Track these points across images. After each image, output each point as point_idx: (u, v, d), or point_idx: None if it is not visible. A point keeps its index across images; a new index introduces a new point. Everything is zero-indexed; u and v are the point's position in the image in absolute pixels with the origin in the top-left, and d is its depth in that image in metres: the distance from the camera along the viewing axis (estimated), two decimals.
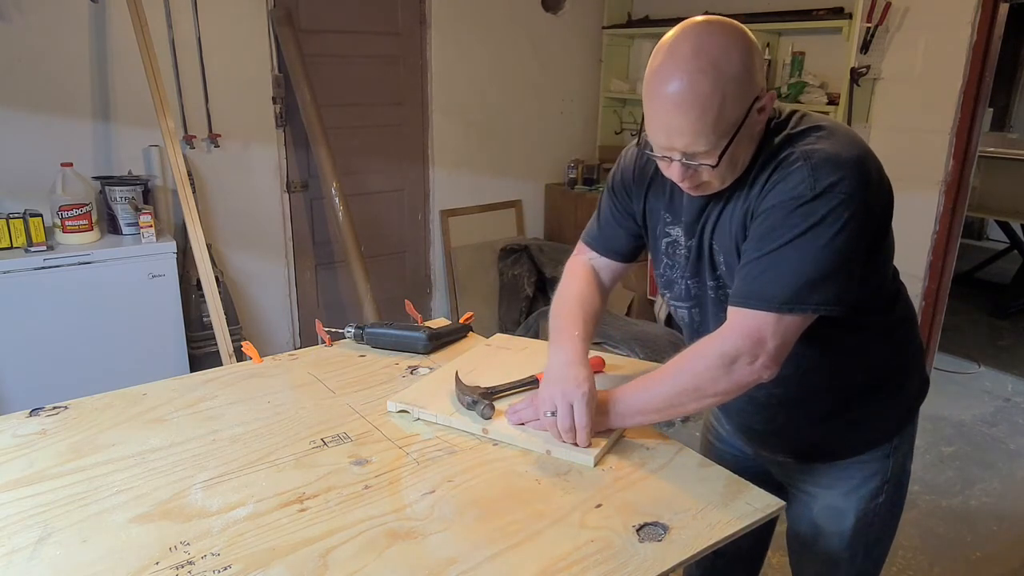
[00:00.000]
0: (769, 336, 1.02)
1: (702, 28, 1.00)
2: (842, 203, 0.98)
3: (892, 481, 1.27)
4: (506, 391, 1.32)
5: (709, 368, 1.06)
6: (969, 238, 6.14)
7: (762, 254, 1.03)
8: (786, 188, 1.01)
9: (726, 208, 1.12)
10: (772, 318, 1.02)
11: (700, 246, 1.17)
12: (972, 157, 3.15)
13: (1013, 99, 6.54)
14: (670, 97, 0.98)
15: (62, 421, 1.27)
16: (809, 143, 1.03)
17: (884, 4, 3.12)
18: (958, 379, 3.72)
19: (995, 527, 2.55)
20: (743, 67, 0.98)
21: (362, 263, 3.39)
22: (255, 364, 1.52)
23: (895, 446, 1.25)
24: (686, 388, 1.09)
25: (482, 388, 1.30)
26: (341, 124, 3.49)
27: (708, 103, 0.97)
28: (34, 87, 2.75)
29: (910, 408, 1.28)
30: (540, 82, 4.19)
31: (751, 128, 1.03)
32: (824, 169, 0.99)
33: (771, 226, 1.02)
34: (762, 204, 1.04)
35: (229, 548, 0.94)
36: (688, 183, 1.08)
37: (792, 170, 1.01)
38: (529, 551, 0.94)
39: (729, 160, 1.03)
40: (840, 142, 1.03)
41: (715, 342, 1.07)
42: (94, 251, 2.62)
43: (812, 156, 1.01)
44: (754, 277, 1.03)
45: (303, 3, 3.32)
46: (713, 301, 1.20)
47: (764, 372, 1.05)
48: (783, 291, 1.01)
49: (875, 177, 1.03)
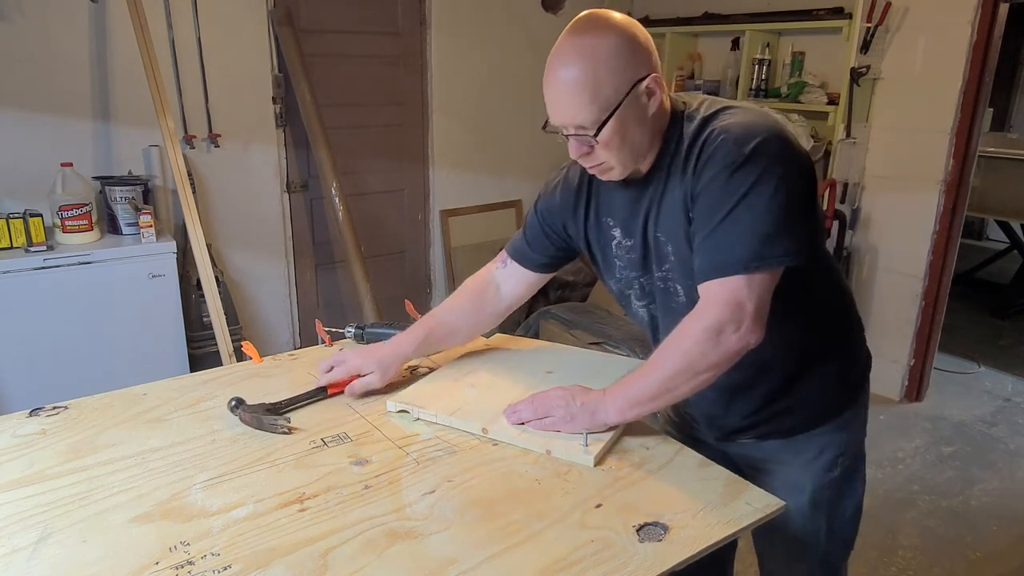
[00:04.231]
0: (746, 298, 1.07)
1: (583, 19, 1.13)
2: (771, 161, 1.06)
3: (847, 454, 1.31)
4: (291, 406, 1.31)
5: (697, 343, 1.09)
6: (969, 238, 6.13)
7: (714, 225, 1.08)
8: (716, 161, 1.08)
9: (664, 200, 1.18)
10: (743, 280, 1.07)
11: (645, 242, 1.22)
12: (972, 157, 3.15)
13: (1013, 99, 6.54)
14: (554, 78, 1.12)
15: (62, 421, 1.27)
16: (724, 120, 1.12)
17: (884, 4, 3.12)
18: (958, 379, 3.72)
19: (995, 527, 2.55)
20: (617, 49, 1.08)
21: (362, 263, 3.39)
22: (255, 364, 1.52)
23: (847, 419, 1.30)
24: (678, 369, 1.11)
25: (267, 404, 1.29)
26: (341, 124, 3.49)
27: (583, 80, 1.08)
28: (34, 87, 2.75)
29: (857, 382, 1.32)
30: (540, 82, 4.17)
31: (639, 110, 1.12)
32: (745, 136, 1.08)
33: (715, 198, 1.08)
34: (698, 184, 1.11)
35: (229, 548, 0.94)
36: (587, 161, 1.18)
37: (716, 144, 1.09)
38: (529, 551, 0.94)
39: (619, 139, 1.11)
40: (752, 115, 1.12)
41: (696, 319, 1.10)
42: (94, 251, 2.62)
43: (730, 128, 1.10)
44: (713, 248, 1.09)
45: (303, 3, 3.32)
46: (662, 292, 1.24)
47: (751, 336, 1.08)
48: (746, 251, 1.06)
49: (792, 140, 1.11)
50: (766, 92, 3.63)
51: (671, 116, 1.18)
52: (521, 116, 4.17)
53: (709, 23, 3.86)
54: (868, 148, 3.36)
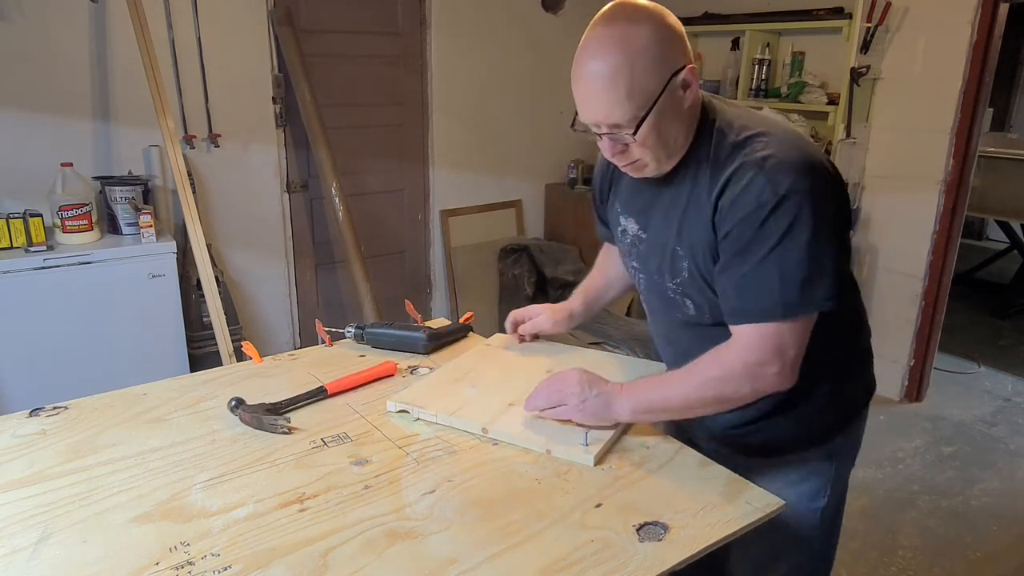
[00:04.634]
0: (787, 344, 1.06)
1: (613, 8, 1.06)
2: (807, 202, 1.02)
3: (835, 486, 1.29)
4: (291, 406, 1.31)
5: (734, 378, 1.09)
6: (969, 238, 6.13)
7: (750, 268, 1.06)
8: (748, 200, 1.05)
9: (687, 213, 1.14)
10: (784, 327, 1.06)
11: (662, 246, 1.20)
12: (972, 157, 3.15)
13: (1013, 99, 6.54)
14: (586, 74, 1.05)
15: (62, 421, 1.27)
16: (757, 151, 1.07)
17: (884, 4, 3.12)
18: (958, 379, 3.72)
19: (995, 527, 2.55)
20: (652, 41, 1.02)
21: (362, 263, 3.39)
22: (255, 364, 1.52)
23: (836, 447, 1.28)
24: (706, 396, 1.12)
25: (267, 404, 1.29)
26: (341, 124, 3.49)
27: (618, 74, 1.02)
28: (34, 87, 2.75)
29: (852, 411, 1.29)
30: (540, 82, 4.19)
31: (676, 103, 1.07)
32: (779, 174, 1.03)
33: (747, 241, 1.05)
34: (727, 220, 1.07)
35: (229, 548, 0.94)
36: (621, 160, 1.13)
37: (747, 182, 1.05)
38: (529, 551, 0.94)
39: (656, 135, 1.07)
40: (785, 146, 1.07)
41: (737, 353, 1.09)
42: (94, 251, 2.62)
43: (764, 165, 1.05)
44: (749, 291, 1.07)
45: (303, 3, 3.32)
46: (668, 300, 1.24)
47: (787, 381, 1.09)
48: (784, 298, 1.04)
49: (828, 174, 1.08)
50: (766, 92, 3.62)
51: (701, 112, 1.14)
52: (521, 116, 4.17)
53: (709, 23, 3.86)
54: (868, 148, 3.36)
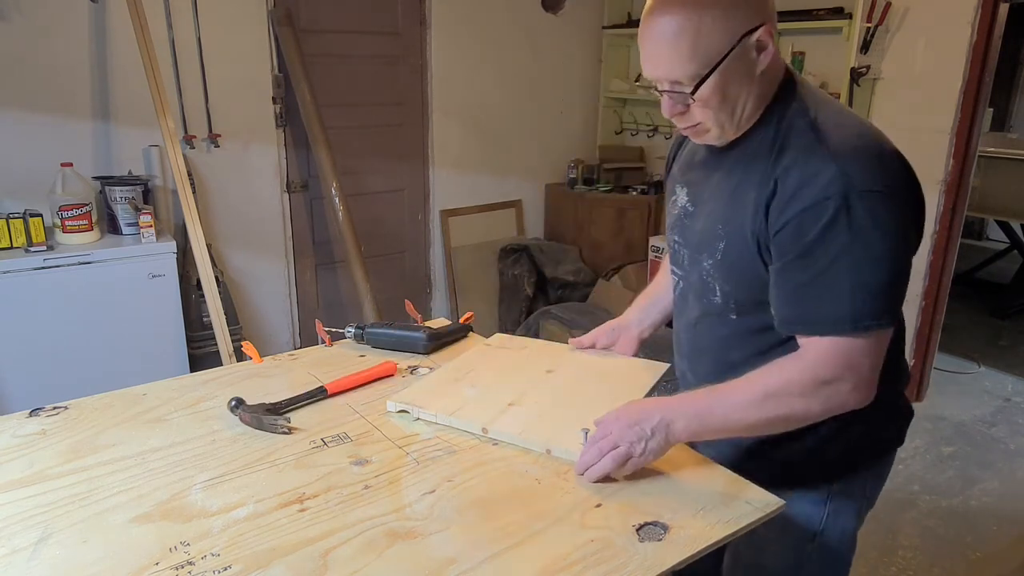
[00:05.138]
0: (861, 359, 0.98)
1: None
2: (885, 200, 0.93)
3: (826, 537, 1.17)
4: (291, 406, 1.31)
5: (803, 397, 1.00)
6: (969, 238, 6.13)
7: (816, 272, 0.96)
8: (814, 191, 0.94)
9: (738, 188, 1.05)
10: (859, 341, 0.97)
11: (703, 219, 1.11)
12: (972, 157, 3.15)
13: (1013, 99, 6.54)
14: (650, 26, 0.98)
15: (62, 421, 1.27)
16: (832, 135, 0.97)
17: (884, 4, 3.12)
18: (958, 379, 3.72)
19: (995, 527, 2.55)
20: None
21: (362, 263, 3.39)
22: (255, 364, 1.52)
23: (831, 496, 1.16)
24: (772, 417, 1.02)
25: (267, 404, 1.29)
26: (341, 124, 3.49)
27: (682, 28, 0.94)
28: (34, 87, 2.75)
29: (852, 461, 1.16)
30: (540, 82, 4.19)
31: (747, 66, 0.98)
32: (855, 165, 0.94)
33: (813, 239, 0.95)
34: (787, 208, 0.97)
35: (229, 548, 0.94)
36: (681, 122, 1.05)
37: (816, 168, 0.95)
38: (529, 551, 0.94)
39: (720, 98, 0.98)
40: (862, 136, 0.98)
41: (805, 370, 1.00)
42: (94, 251, 2.62)
43: (839, 152, 0.95)
44: (817, 299, 0.97)
45: (303, 3, 3.32)
46: (700, 283, 1.15)
47: (862, 398, 1.00)
48: (857, 309, 0.95)
49: (907, 169, 0.99)
50: None
51: (782, 82, 1.03)
52: (521, 116, 4.17)
53: None
54: None
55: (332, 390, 1.37)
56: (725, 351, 1.17)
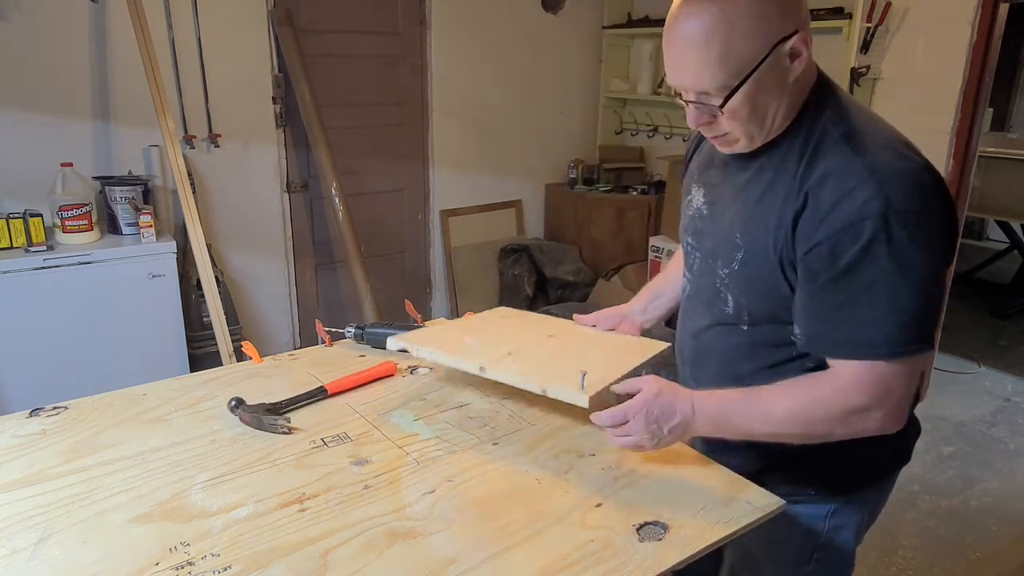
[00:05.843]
0: (895, 386, 0.95)
1: None
2: (923, 222, 0.89)
3: (825, 553, 1.15)
4: (291, 406, 1.31)
5: (829, 419, 0.97)
6: (969, 238, 6.14)
7: (852, 294, 0.92)
8: (852, 208, 0.90)
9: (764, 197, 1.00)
10: (895, 367, 0.93)
11: (721, 227, 1.08)
12: (972, 157, 3.15)
13: (1013, 99, 6.54)
14: (677, 32, 0.92)
15: (62, 421, 1.27)
16: (869, 152, 0.93)
17: (884, 4, 3.12)
18: (958, 379, 3.72)
19: (995, 527, 2.55)
20: (758, 1, 0.89)
21: (362, 263, 3.39)
22: (255, 364, 1.52)
23: (833, 512, 1.13)
24: (796, 435, 1.01)
25: (267, 404, 1.29)
26: (341, 124, 3.49)
27: (712, 35, 0.89)
28: (34, 87, 2.75)
29: (860, 476, 1.13)
30: (540, 82, 4.19)
31: (780, 75, 0.93)
32: (894, 185, 0.89)
33: (850, 261, 0.90)
34: (822, 226, 0.92)
35: (229, 548, 0.94)
36: (708, 131, 1.00)
37: (854, 185, 0.90)
38: (529, 551, 0.94)
39: (750, 108, 0.93)
40: (900, 154, 0.93)
41: (838, 393, 0.96)
42: (94, 251, 2.62)
43: (877, 170, 0.90)
44: (850, 322, 0.94)
45: (303, 3, 3.32)
46: (712, 291, 1.12)
47: (893, 425, 0.97)
48: (894, 334, 0.92)
49: (945, 190, 0.94)
50: None
51: (814, 86, 0.99)
52: (521, 116, 4.17)
53: None
54: None
55: (332, 390, 1.37)
56: (732, 362, 1.13)
